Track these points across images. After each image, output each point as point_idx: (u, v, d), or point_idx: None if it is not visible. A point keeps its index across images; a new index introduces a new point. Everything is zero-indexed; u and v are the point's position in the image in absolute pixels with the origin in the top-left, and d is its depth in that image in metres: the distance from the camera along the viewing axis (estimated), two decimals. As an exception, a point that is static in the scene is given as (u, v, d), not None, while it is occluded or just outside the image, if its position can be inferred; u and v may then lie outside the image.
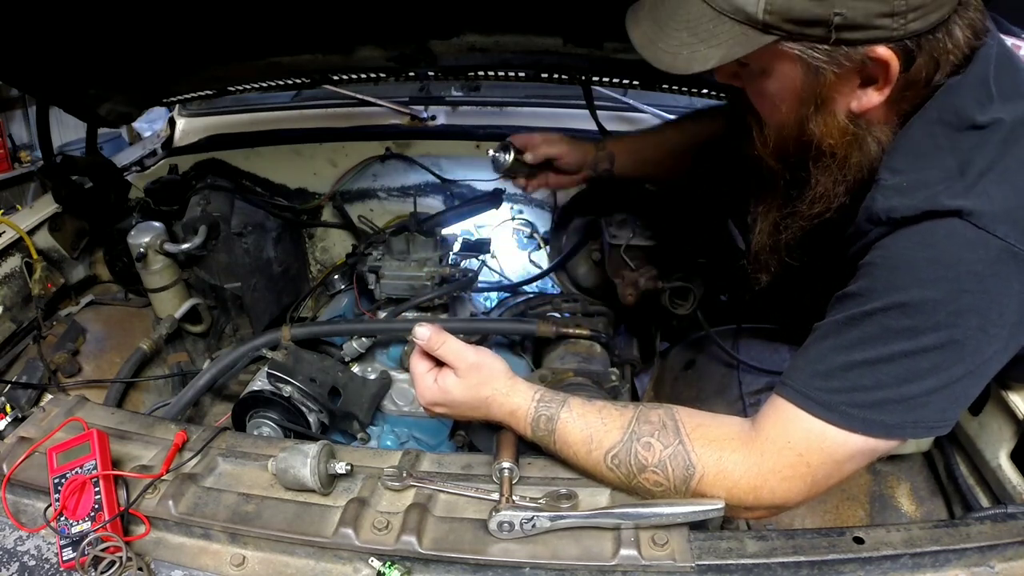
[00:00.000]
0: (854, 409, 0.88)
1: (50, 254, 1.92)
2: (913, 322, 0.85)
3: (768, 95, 0.99)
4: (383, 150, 2.39)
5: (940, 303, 0.84)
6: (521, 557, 0.90)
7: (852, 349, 0.89)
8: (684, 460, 0.94)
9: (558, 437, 1.01)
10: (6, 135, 5.65)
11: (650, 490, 0.96)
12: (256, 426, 1.49)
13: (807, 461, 0.91)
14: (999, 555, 0.92)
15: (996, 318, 0.85)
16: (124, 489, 1.01)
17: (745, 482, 0.92)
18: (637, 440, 0.96)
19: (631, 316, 1.95)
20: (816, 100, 0.94)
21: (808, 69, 0.91)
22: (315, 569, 0.94)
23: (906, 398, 0.87)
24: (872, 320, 0.88)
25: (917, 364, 0.86)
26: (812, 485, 0.92)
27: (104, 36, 1.70)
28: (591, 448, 0.98)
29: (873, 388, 0.87)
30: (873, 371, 0.87)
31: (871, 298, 0.89)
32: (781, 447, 0.92)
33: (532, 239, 2.41)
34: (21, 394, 1.55)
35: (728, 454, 0.93)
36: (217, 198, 2.02)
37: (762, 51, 0.89)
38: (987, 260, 0.84)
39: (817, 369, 0.91)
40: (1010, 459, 1.23)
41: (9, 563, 0.96)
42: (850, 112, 0.95)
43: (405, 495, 1.00)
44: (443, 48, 1.92)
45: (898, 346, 0.86)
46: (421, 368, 1.10)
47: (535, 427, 1.02)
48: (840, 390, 0.89)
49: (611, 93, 2.52)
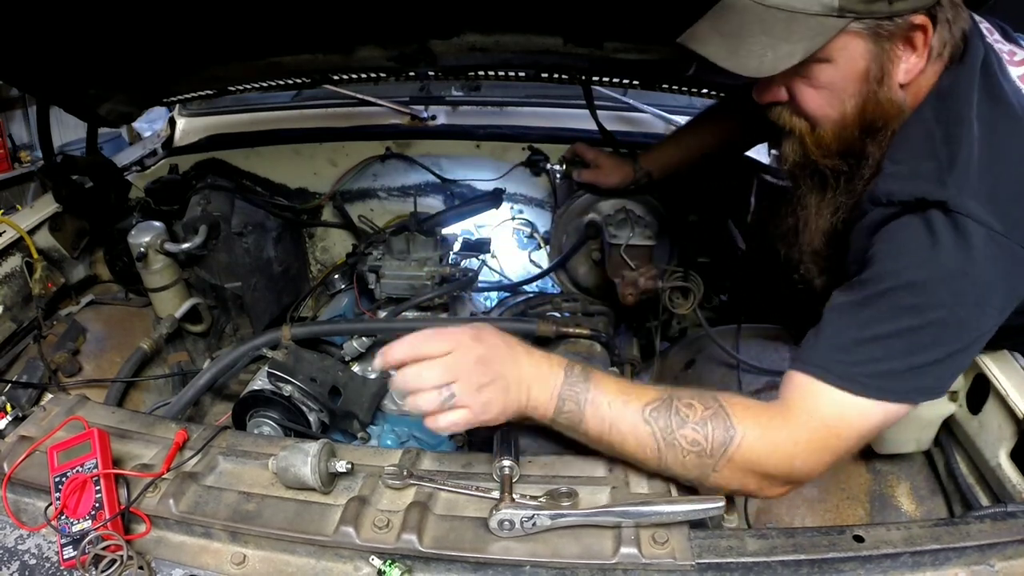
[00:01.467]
0: (868, 379, 0.96)
1: (50, 254, 1.92)
2: (919, 300, 0.95)
3: (830, 87, 1.06)
4: (383, 150, 2.39)
5: (942, 282, 0.94)
6: (521, 555, 0.90)
7: (865, 326, 0.98)
8: (725, 422, 0.96)
9: (593, 384, 1.00)
10: (6, 135, 5.64)
11: (685, 450, 0.96)
12: (256, 425, 1.49)
13: (836, 433, 0.97)
14: (999, 554, 0.92)
15: (990, 298, 0.96)
16: (125, 488, 1.01)
17: (781, 451, 0.96)
18: (679, 399, 0.98)
19: (631, 316, 1.96)
20: (880, 75, 1.03)
21: (874, 45, 1.01)
22: (316, 568, 0.94)
23: (912, 368, 0.96)
24: (883, 299, 0.97)
25: (921, 338, 0.95)
26: (835, 457, 0.99)
27: (104, 36, 1.70)
28: (628, 398, 0.99)
29: (884, 359, 0.96)
30: (884, 345, 0.96)
31: (881, 281, 0.98)
32: (814, 420, 0.97)
33: (532, 239, 2.41)
34: (21, 393, 1.55)
35: (767, 421, 0.97)
36: (217, 198, 2.02)
37: (834, 38, 0.99)
38: (978, 245, 0.93)
39: (835, 344, 0.99)
40: (1010, 458, 1.23)
41: (10, 562, 0.96)
42: (899, 83, 1.04)
43: (405, 494, 1.00)
44: (443, 48, 1.92)
45: (907, 322, 0.95)
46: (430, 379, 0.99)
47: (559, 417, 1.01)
48: (857, 362, 0.97)
49: (611, 93, 2.52)
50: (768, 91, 1.13)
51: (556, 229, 2.12)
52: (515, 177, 2.36)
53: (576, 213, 2.03)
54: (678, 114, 2.53)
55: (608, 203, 1.97)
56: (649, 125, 2.57)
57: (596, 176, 1.92)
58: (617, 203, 1.95)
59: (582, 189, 1.98)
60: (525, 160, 2.33)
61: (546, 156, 2.29)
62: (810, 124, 1.12)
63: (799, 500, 1.44)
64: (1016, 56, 1.06)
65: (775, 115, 1.15)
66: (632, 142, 2.21)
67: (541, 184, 2.39)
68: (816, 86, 1.07)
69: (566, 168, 2.01)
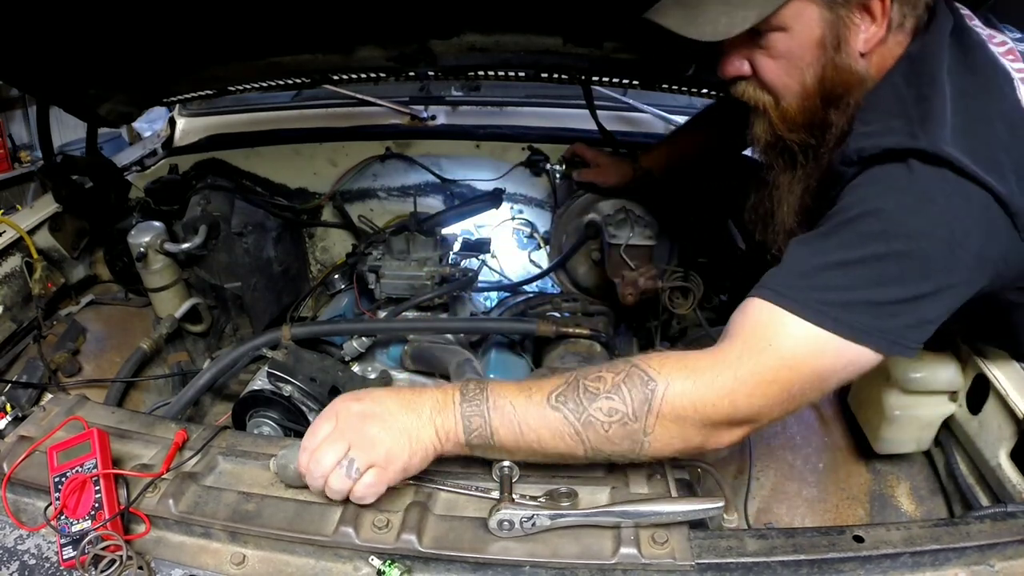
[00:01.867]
0: (826, 307, 0.90)
1: (50, 254, 1.92)
2: (884, 226, 0.91)
3: (787, 56, 1.07)
4: (383, 150, 2.39)
5: (910, 210, 0.90)
6: (521, 555, 0.90)
7: (828, 253, 0.93)
8: (641, 377, 0.90)
9: (491, 392, 0.94)
10: (6, 135, 5.64)
11: (605, 423, 0.90)
12: (256, 425, 1.50)
13: (789, 364, 0.90)
14: (999, 554, 0.92)
15: (961, 238, 0.90)
16: (124, 488, 1.01)
17: (718, 388, 0.89)
18: (584, 377, 0.93)
19: (631, 316, 1.96)
20: (836, 42, 1.03)
21: (828, 12, 1.02)
22: (315, 568, 0.94)
23: (874, 302, 0.90)
24: (847, 227, 0.93)
25: (887, 269, 0.90)
26: (790, 396, 0.91)
27: (104, 36, 1.70)
28: (530, 393, 0.93)
29: (845, 288, 0.91)
30: (846, 272, 0.91)
31: (849, 210, 0.94)
32: (763, 348, 0.90)
33: (532, 239, 2.41)
34: (21, 393, 1.55)
35: (693, 363, 0.91)
36: (217, 198, 2.02)
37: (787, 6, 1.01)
38: (949, 180, 0.90)
39: (794, 271, 0.95)
40: (1010, 458, 1.23)
41: (10, 562, 0.96)
42: (859, 52, 1.05)
43: (405, 494, 1.00)
44: (443, 48, 1.92)
45: (871, 248, 0.91)
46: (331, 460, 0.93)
47: (475, 441, 0.95)
48: (814, 288, 0.91)
49: (611, 93, 2.52)
50: (731, 64, 1.13)
51: (556, 229, 2.12)
52: (515, 177, 2.36)
53: (576, 213, 2.03)
54: (678, 114, 2.53)
55: (608, 203, 1.97)
56: (649, 125, 2.57)
57: (596, 176, 1.93)
58: (617, 203, 1.95)
59: (582, 189, 1.99)
60: (525, 160, 2.33)
61: (546, 156, 2.29)
62: (774, 98, 1.12)
63: (799, 500, 1.44)
64: (995, 39, 1.06)
65: (740, 91, 1.16)
66: (632, 142, 2.21)
67: (541, 184, 2.40)
68: (774, 56, 1.08)
69: (566, 168, 2.02)
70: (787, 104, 1.11)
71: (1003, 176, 0.91)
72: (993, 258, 0.94)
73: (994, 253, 0.93)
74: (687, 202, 1.97)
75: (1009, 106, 0.97)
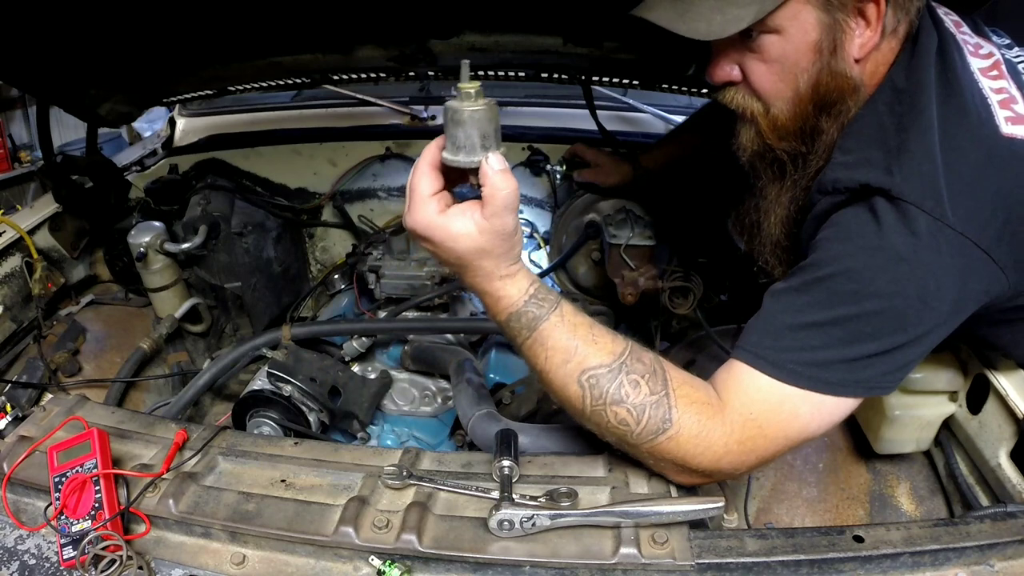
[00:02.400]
0: (801, 367, 0.92)
1: (50, 254, 1.92)
2: (856, 287, 0.91)
3: (781, 60, 1.03)
4: (383, 150, 2.39)
5: (880, 269, 0.91)
6: (521, 555, 0.90)
7: (801, 312, 0.94)
8: (665, 413, 0.92)
9: (537, 337, 0.95)
10: (6, 135, 5.66)
11: (609, 425, 0.94)
12: (256, 425, 1.50)
13: (765, 434, 0.93)
14: (999, 554, 0.92)
15: (934, 290, 0.90)
16: (124, 488, 1.01)
17: (715, 449, 0.93)
18: (627, 374, 0.93)
19: (631, 316, 1.96)
20: (832, 46, 1.01)
21: (825, 15, 0.99)
22: (315, 568, 0.94)
23: (848, 359, 0.92)
24: (821, 285, 0.94)
25: (860, 328, 0.91)
26: (760, 460, 0.95)
27: (104, 36, 1.70)
28: (569, 359, 0.94)
29: (820, 348, 0.92)
30: (820, 333, 0.93)
31: (821, 267, 0.95)
32: (745, 419, 0.93)
33: (532, 239, 2.41)
34: (21, 393, 1.55)
35: (705, 419, 0.93)
36: (217, 198, 2.03)
37: (784, 7, 0.97)
38: (919, 232, 0.90)
39: (768, 330, 0.96)
40: (1010, 458, 1.23)
41: (10, 562, 0.96)
42: (853, 58, 1.02)
43: (405, 494, 1.00)
44: (443, 48, 1.92)
45: (844, 310, 0.92)
46: (427, 187, 0.92)
47: (514, 319, 0.95)
48: (788, 348, 0.93)
49: (611, 93, 2.53)
50: (720, 69, 1.09)
51: (556, 229, 2.12)
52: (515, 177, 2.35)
53: (576, 213, 2.03)
54: (678, 114, 2.53)
55: (608, 203, 1.97)
56: (649, 125, 2.57)
57: (596, 176, 1.93)
58: (617, 203, 1.95)
59: (582, 189, 1.98)
60: (525, 160, 2.33)
61: (546, 156, 2.29)
62: (764, 105, 1.08)
63: (799, 500, 1.44)
64: (982, 50, 1.04)
65: (728, 98, 1.12)
66: (632, 142, 2.21)
67: (541, 184, 2.39)
68: (767, 60, 1.04)
69: (566, 168, 2.02)
70: (777, 111, 1.08)
71: (976, 211, 0.91)
72: (973, 295, 0.94)
73: (974, 291, 0.94)
74: (687, 202, 1.97)
75: (984, 133, 0.95)
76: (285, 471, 1.07)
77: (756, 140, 1.12)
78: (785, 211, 1.16)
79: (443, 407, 1.76)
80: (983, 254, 0.91)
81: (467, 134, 0.87)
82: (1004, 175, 0.93)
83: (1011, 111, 0.96)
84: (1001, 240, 0.92)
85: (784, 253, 1.21)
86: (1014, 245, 0.93)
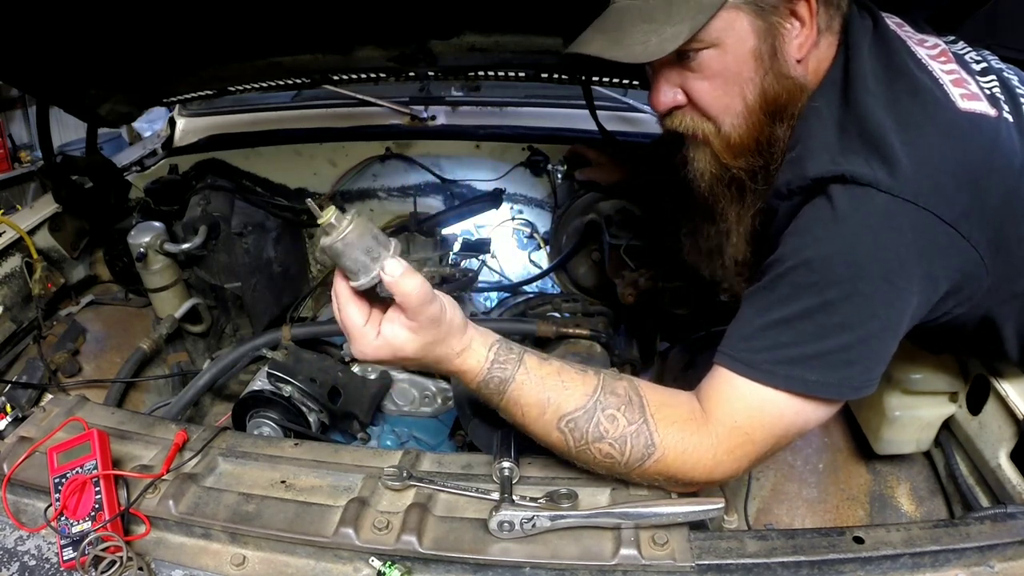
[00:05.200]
0: (776, 366, 0.91)
1: (50, 254, 1.92)
2: (816, 277, 0.90)
3: (723, 74, 1.01)
4: (383, 150, 2.39)
5: (838, 255, 0.89)
6: (521, 557, 0.90)
7: (769, 310, 0.94)
8: (647, 439, 0.93)
9: (509, 398, 0.96)
10: (6, 135, 5.65)
11: (597, 460, 0.95)
12: (256, 426, 1.50)
13: (752, 439, 0.94)
14: (999, 555, 0.92)
15: (897, 268, 0.89)
16: (124, 489, 1.01)
17: (704, 463, 0.93)
18: (602, 411, 0.94)
19: (631, 316, 1.96)
20: (772, 51, 1.00)
21: (760, 20, 0.98)
22: (315, 569, 0.94)
23: (823, 353, 0.90)
24: (784, 281, 0.93)
25: (828, 318, 0.90)
26: (751, 463, 0.96)
27: (104, 36, 1.70)
28: (544, 411, 0.95)
29: (791, 345, 0.91)
30: (789, 328, 0.92)
31: (783, 262, 0.94)
32: (730, 428, 0.93)
33: (532, 239, 2.41)
34: (21, 394, 1.55)
35: (689, 436, 0.93)
36: (217, 198, 2.02)
37: (716, 19, 0.96)
38: (876, 212, 0.88)
39: (742, 333, 0.96)
40: (1010, 459, 1.23)
41: (10, 563, 0.96)
42: (795, 59, 1.02)
43: (405, 495, 1.00)
44: (443, 48, 1.92)
45: (808, 301, 0.91)
46: (358, 319, 0.95)
47: (483, 387, 0.97)
48: (762, 348, 0.93)
49: (611, 93, 2.52)
50: (664, 95, 1.06)
51: (556, 229, 2.12)
52: (515, 177, 2.36)
53: (576, 213, 2.03)
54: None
55: (608, 203, 1.97)
56: (649, 125, 2.56)
57: (598, 174, 1.93)
58: (617, 203, 1.95)
59: (584, 187, 1.98)
60: (525, 160, 2.33)
61: (546, 156, 2.29)
62: (714, 125, 1.06)
63: (799, 501, 1.44)
64: (927, 43, 1.03)
65: (676, 123, 1.09)
66: (632, 142, 2.21)
67: (541, 184, 2.40)
68: (709, 76, 1.02)
69: (567, 167, 2.02)
70: (729, 128, 1.05)
71: (939, 185, 0.89)
72: (944, 273, 0.93)
73: (943, 268, 0.92)
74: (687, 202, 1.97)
75: (940, 108, 0.93)
76: (285, 472, 1.07)
77: (712, 162, 1.09)
78: (749, 226, 1.13)
79: (443, 407, 1.75)
80: (950, 228, 0.89)
81: (353, 259, 0.90)
82: (967, 147, 0.91)
83: (965, 89, 0.96)
84: (970, 216, 0.90)
85: (750, 271, 1.17)
86: (985, 222, 0.91)
